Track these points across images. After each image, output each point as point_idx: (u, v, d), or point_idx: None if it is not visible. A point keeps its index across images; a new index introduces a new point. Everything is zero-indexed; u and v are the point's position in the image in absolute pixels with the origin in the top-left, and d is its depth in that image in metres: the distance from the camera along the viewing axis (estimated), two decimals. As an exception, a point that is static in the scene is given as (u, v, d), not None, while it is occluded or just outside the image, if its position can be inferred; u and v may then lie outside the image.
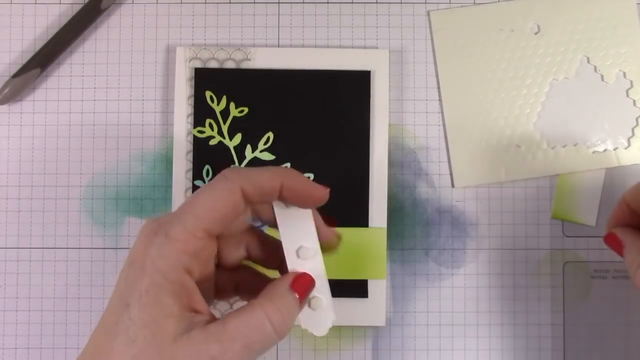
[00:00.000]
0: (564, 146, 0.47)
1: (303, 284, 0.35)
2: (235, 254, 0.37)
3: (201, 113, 0.46)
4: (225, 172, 0.34)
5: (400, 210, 0.47)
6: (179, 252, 0.32)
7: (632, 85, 0.47)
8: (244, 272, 0.38)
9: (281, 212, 0.35)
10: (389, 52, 0.47)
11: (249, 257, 0.37)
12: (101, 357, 0.32)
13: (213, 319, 0.33)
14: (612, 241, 0.40)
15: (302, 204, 0.36)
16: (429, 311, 0.47)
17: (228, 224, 0.34)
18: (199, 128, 0.46)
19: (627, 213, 0.40)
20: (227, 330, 0.32)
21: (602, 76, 0.47)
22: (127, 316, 0.31)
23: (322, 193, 0.36)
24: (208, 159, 0.46)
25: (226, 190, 0.33)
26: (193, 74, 0.47)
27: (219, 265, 0.36)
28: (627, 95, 0.47)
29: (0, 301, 0.47)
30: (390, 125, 0.47)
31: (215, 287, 0.36)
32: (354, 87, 0.46)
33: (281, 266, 0.36)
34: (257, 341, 0.32)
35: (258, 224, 0.40)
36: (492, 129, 0.47)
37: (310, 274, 0.35)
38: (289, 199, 0.35)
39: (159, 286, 0.31)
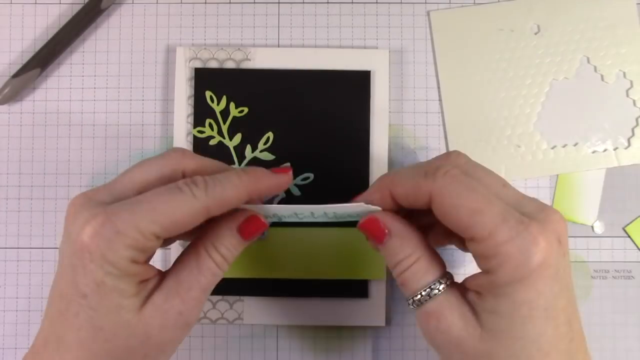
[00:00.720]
0: (564, 146, 0.47)
1: (250, 230, 0.36)
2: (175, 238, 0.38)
3: (201, 113, 0.46)
4: (192, 186, 0.33)
5: (400, 210, 0.47)
6: (130, 247, 0.32)
7: (632, 85, 0.47)
8: None
9: None
10: (389, 52, 0.47)
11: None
12: (65, 350, 0.33)
13: (162, 275, 0.35)
14: (372, 227, 0.36)
15: (270, 195, 0.38)
16: (429, 311, 0.47)
17: (178, 234, 0.34)
18: (199, 128, 0.46)
19: (387, 200, 0.36)
20: (182, 283, 0.34)
21: (602, 76, 0.47)
22: (87, 306, 0.32)
23: (286, 179, 0.37)
24: (208, 159, 0.46)
25: (191, 209, 0.33)
26: (193, 74, 0.47)
27: None
28: (627, 95, 0.47)
29: (0, 301, 0.47)
30: (390, 125, 0.47)
31: None
32: (353, 87, 0.46)
33: None
34: (211, 282, 0.35)
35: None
36: (492, 129, 0.47)
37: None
38: (257, 197, 0.36)
39: (113, 276, 0.32)
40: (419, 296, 0.34)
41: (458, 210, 0.32)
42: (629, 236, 0.47)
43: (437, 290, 0.34)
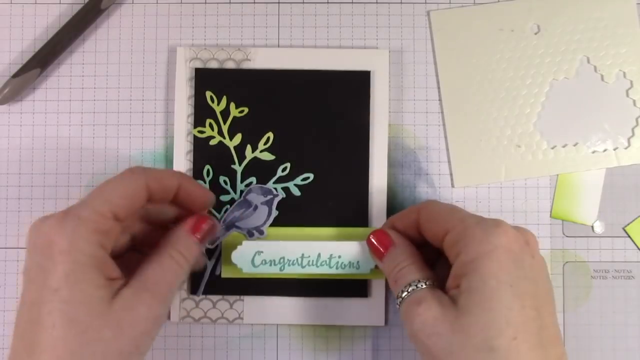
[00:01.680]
0: (564, 146, 0.47)
1: (201, 229, 0.40)
2: (122, 239, 0.41)
3: (201, 113, 0.46)
4: (131, 168, 0.38)
5: (400, 210, 0.47)
6: (94, 231, 0.35)
7: (632, 85, 0.47)
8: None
9: None
10: (389, 52, 0.47)
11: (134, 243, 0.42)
12: (40, 352, 0.34)
13: (128, 279, 0.37)
14: (382, 238, 0.41)
15: (192, 205, 0.41)
16: (429, 311, 0.47)
17: (131, 212, 0.38)
18: (199, 128, 0.46)
19: (411, 225, 0.41)
20: (149, 279, 0.37)
21: (602, 76, 0.47)
22: (59, 299, 0.34)
23: (210, 196, 0.42)
24: (208, 159, 0.46)
25: (133, 181, 0.37)
26: (193, 74, 0.47)
27: None
28: (627, 95, 0.47)
29: (0, 301, 0.47)
30: (390, 125, 0.47)
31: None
32: (353, 87, 0.46)
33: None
34: (175, 281, 0.38)
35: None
36: (492, 129, 0.47)
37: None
38: (183, 199, 0.40)
39: (82, 264, 0.35)
40: (405, 293, 0.38)
41: (439, 213, 0.39)
42: (629, 236, 0.47)
43: (423, 284, 0.38)
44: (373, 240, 0.42)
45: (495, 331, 0.34)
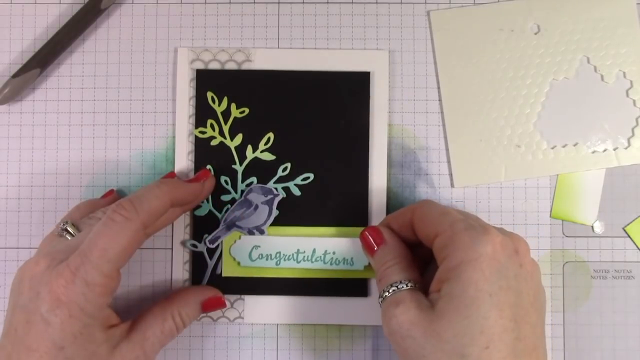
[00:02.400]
0: (564, 146, 0.47)
1: (213, 306, 0.44)
2: None
3: (202, 114, 0.46)
4: (122, 211, 0.38)
5: (400, 210, 0.47)
6: (102, 295, 0.37)
7: (632, 85, 0.47)
8: None
9: None
10: (389, 53, 0.47)
11: None
12: None
13: (127, 324, 0.40)
14: (374, 234, 0.42)
15: (191, 205, 0.44)
16: (429, 311, 0.47)
17: (130, 256, 0.39)
18: (201, 129, 0.46)
19: (406, 225, 0.41)
20: (147, 339, 0.40)
21: (602, 76, 0.47)
22: (64, 357, 0.36)
23: (197, 188, 0.44)
24: (209, 159, 0.46)
25: (131, 231, 0.38)
26: (194, 75, 0.47)
27: None
28: (627, 95, 0.47)
29: (0, 301, 0.47)
30: (390, 125, 0.47)
31: None
32: (353, 88, 0.46)
33: None
34: (169, 340, 0.42)
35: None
36: (492, 129, 0.47)
37: None
38: (176, 204, 0.42)
39: (90, 326, 0.37)
40: (387, 293, 0.39)
41: (431, 215, 0.40)
42: (629, 236, 0.47)
43: (404, 286, 0.39)
44: (366, 235, 0.42)
45: (468, 339, 0.35)
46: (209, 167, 0.46)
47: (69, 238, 0.40)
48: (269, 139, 0.46)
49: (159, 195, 0.40)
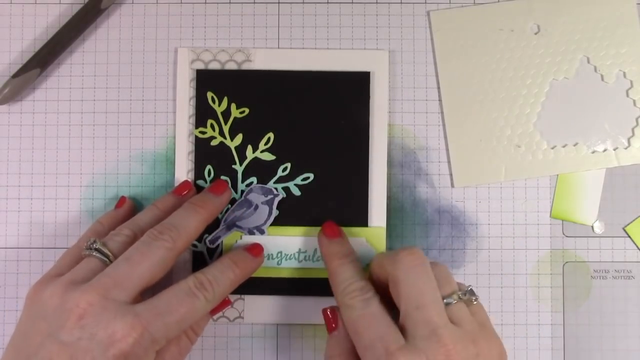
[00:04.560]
0: (564, 146, 0.47)
1: (219, 308, 0.43)
2: None
3: (203, 114, 0.46)
4: (204, 292, 0.39)
5: (400, 210, 0.47)
6: (156, 350, 0.38)
7: (632, 85, 0.47)
8: None
9: None
10: (389, 53, 0.47)
11: None
12: None
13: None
14: (329, 318, 0.42)
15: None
16: (429, 311, 0.47)
17: None
18: (201, 129, 0.46)
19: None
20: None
21: (602, 76, 0.47)
22: None
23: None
24: (209, 159, 0.46)
25: (204, 311, 0.40)
26: (195, 76, 0.47)
27: None
28: (627, 95, 0.47)
29: (0, 301, 0.47)
30: (390, 125, 0.47)
31: None
32: (353, 88, 0.46)
33: None
34: (187, 354, 0.42)
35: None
36: (492, 129, 0.47)
37: None
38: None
39: None
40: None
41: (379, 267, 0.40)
42: (629, 236, 0.47)
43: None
44: (325, 313, 0.42)
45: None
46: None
47: (100, 257, 0.40)
48: (269, 139, 0.46)
49: (233, 281, 0.41)
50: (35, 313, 0.38)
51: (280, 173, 0.46)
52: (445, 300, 0.37)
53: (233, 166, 0.46)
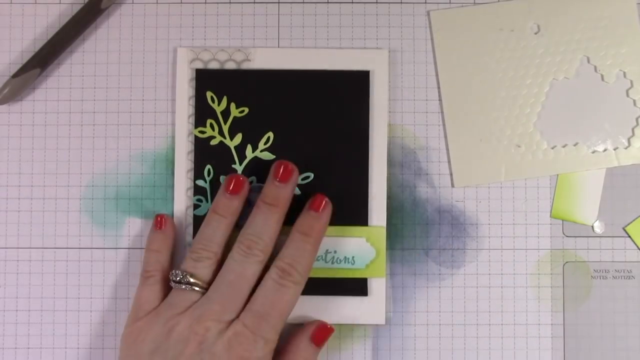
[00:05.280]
0: (564, 146, 0.47)
1: (322, 336, 0.44)
2: None
3: (202, 113, 0.46)
4: (290, 278, 0.41)
5: (400, 210, 0.47)
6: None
7: (632, 85, 0.47)
8: None
9: None
10: (389, 52, 0.47)
11: None
12: None
13: None
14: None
15: None
16: (429, 311, 0.47)
17: None
18: (200, 128, 0.46)
19: None
20: None
21: (602, 76, 0.47)
22: None
23: (327, 215, 0.45)
24: (209, 158, 0.46)
25: (298, 295, 0.42)
26: (194, 75, 0.47)
27: None
28: (627, 95, 0.47)
29: (0, 301, 0.47)
30: (390, 125, 0.47)
31: None
32: (353, 87, 0.46)
33: None
34: None
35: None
36: (492, 129, 0.47)
37: None
38: None
39: None
40: None
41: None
42: (629, 236, 0.47)
43: None
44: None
45: None
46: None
47: (196, 289, 0.42)
48: (268, 138, 0.46)
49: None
50: (140, 351, 0.41)
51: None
52: None
53: (233, 166, 0.46)
